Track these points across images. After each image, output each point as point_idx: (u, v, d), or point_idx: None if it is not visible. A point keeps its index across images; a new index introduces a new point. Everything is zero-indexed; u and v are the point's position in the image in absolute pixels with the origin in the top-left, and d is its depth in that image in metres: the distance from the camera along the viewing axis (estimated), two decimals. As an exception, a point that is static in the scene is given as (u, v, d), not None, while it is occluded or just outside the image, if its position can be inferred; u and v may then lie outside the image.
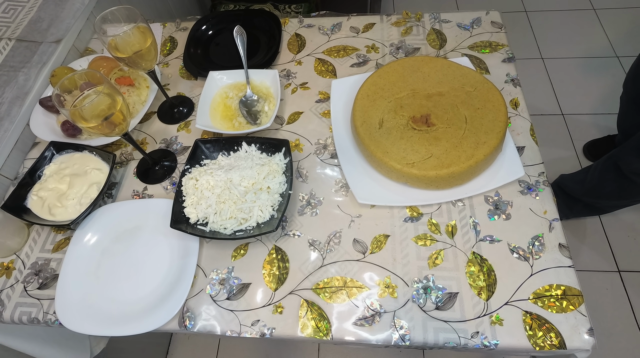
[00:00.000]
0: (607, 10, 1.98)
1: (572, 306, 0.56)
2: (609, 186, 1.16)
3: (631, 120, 1.29)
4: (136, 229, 0.69)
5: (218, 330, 0.59)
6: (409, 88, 0.73)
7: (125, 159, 0.78)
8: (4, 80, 0.85)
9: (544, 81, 1.79)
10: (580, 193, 1.27)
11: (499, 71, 0.79)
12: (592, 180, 1.20)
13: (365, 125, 0.69)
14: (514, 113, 0.74)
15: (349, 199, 0.68)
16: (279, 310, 0.60)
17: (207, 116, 0.78)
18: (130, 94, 0.81)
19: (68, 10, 0.94)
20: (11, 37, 0.91)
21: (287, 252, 0.64)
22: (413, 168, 0.64)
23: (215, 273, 0.64)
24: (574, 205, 1.32)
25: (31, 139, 0.84)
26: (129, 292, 0.63)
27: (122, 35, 0.65)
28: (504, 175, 0.66)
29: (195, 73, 0.88)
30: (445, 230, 0.64)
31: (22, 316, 0.64)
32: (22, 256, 0.70)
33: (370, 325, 0.57)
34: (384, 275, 0.61)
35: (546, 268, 0.59)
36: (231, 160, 0.71)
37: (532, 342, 0.54)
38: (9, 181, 0.79)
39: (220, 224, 0.64)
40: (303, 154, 0.74)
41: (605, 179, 1.16)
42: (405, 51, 0.85)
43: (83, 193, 0.71)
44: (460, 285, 0.59)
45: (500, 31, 0.85)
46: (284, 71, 0.86)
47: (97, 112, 0.59)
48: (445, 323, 0.56)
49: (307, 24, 0.93)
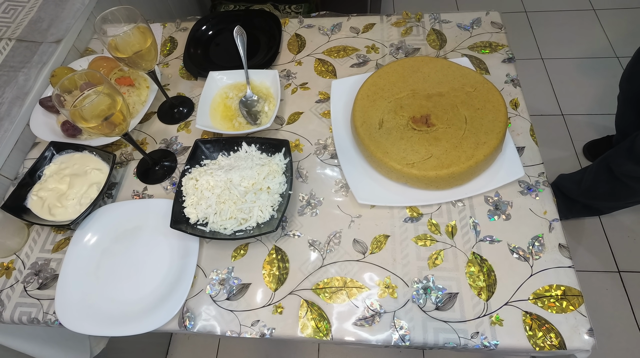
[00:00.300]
0: (607, 11, 1.98)
1: (572, 307, 0.56)
2: (602, 187, 1.16)
3: (628, 120, 1.29)
4: (136, 229, 0.69)
5: (218, 330, 0.59)
6: (409, 88, 0.73)
7: (125, 160, 0.78)
8: (4, 80, 0.85)
9: (544, 82, 1.79)
10: (576, 193, 1.27)
11: (499, 71, 0.79)
12: (587, 181, 1.20)
13: (365, 125, 0.69)
14: (514, 113, 0.74)
15: (349, 200, 0.68)
16: (278, 310, 0.60)
17: (207, 116, 0.78)
18: (130, 94, 0.81)
19: (68, 10, 0.94)
20: (11, 37, 0.91)
21: (287, 252, 0.64)
22: (413, 168, 0.64)
23: (215, 274, 0.64)
24: (572, 206, 1.32)
25: (31, 139, 0.84)
26: (129, 292, 0.63)
27: (122, 35, 0.65)
28: (503, 175, 0.66)
29: (195, 73, 0.88)
30: (445, 230, 0.64)
31: (22, 316, 0.64)
32: (22, 256, 0.70)
33: (370, 325, 0.57)
34: (384, 275, 0.61)
35: (546, 269, 0.59)
36: (231, 160, 0.71)
37: (532, 343, 0.54)
38: (9, 181, 0.79)
39: (220, 224, 0.64)
40: (303, 154, 0.74)
41: (598, 181, 1.16)
42: (405, 51, 0.85)
43: (83, 193, 0.71)
44: (460, 285, 0.59)
45: (500, 31, 0.85)
46: (284, 71, 0.86)
47: (97, 112, 0.59)
48: (445, 324, 0.56)
49: (307, 25, 0.93)
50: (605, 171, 1.11)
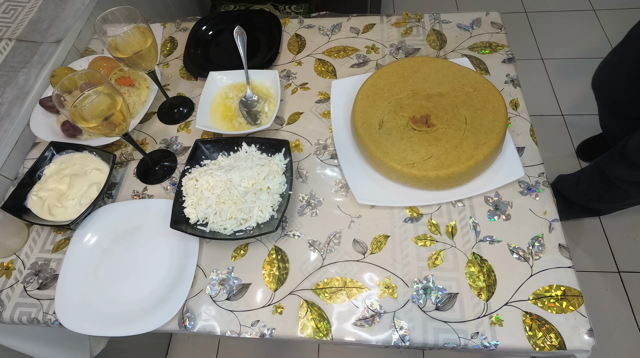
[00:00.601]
0: (607, 11, 1.98)
1: (572, 307, 0.56)
2: (597, 190, 1.16)
3: (613, 124, 1.28)
4: (136, 229, 0.69)
5: (218, 331, 0.59)
6: (409, 89, 0.73)
7: (125, 160, 0.78)
8: (4, 80, 0.85)
9: (544, 82, 1.79)
10: (574, 195, 1.27)
11: (499, 71, 0.79)
12: (583, 184, 1.20)
13: (365, 126, 0.69)
14: (514, 114, 0.74)
15: (349, 200, 0.68)
16: (278, 310, 0.60)
17: (207, 117, 0.78)
18: (130, 94, 0.81)
19: (68, 10, 0.94)
20: (11, 37, 0.91)
21: (287, 252, 0.64)
22: (413, 168, 0.64)
23: (215, 274, 0.64)
24: (571, 207, 1.32)
25: (31, 140, 0.84)
26: (128, 292, 0.63)
27: (123, 35, 0.65)
28: (503, 176, 0.66)
29: (195, 73, 0.88)
30: (445, 230, 0.64)
31: (22, 316, 0.64)
32: (22, 256, 0.70)
33: (370, 325, 0.57)
34: (383, 276, 0.61)
35: (546, 269, 0.59)
36: (231, 160, 0.71)
37: (532, 343, 0.54)
38: (9, 181, 0.79)
39: (220, 224, 0.64)
40: (303, 154, 0.74)
41: (593, 184, 1.16)
42: (405, 52, 0.85)
43: (83, 193, 0.71)
44: (460, 285, 0.59)
45: (500, 32, 0.85)
46: (284, 72, 0.86)
47: (97, 112, 0.59)
48: (445, 324, 0.56)
49: (307, 25, 0.93)
50: (599, 174, 1.11)
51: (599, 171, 1.11)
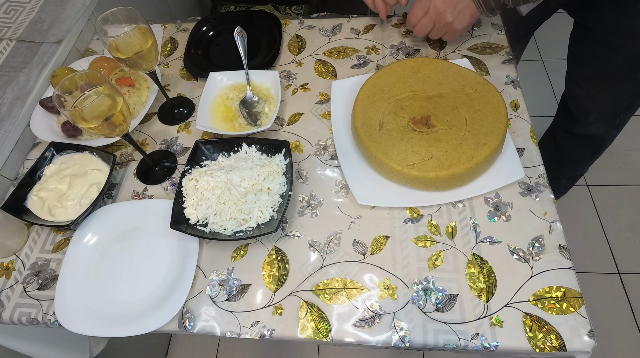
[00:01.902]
0: (607, 12, 1.98)
1: (572, 308, 0.56)
2: (558, 154, 1.22)
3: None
4: (136, 230, 0.69)
5: (218, 331, 0.59)
6: (409, 89, 0.73)
7: (126, 160, 0.79)
8: (4, 81, 0.85)
9: (544, 83, 1.79)
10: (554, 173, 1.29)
11: (499, 72, 0.79)
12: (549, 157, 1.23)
13: (365, 126, 0.69)
14: (514, 115, 0.74)
15: (349, 201, 0.68)
16: (278, 311, 0.60)
17: (207, 117, 0.78)
18: (130, 94, 0.81)
19: (69, 11, 0.94)
20: (12, 37, 0.91)
21: (287, 253, 0.64)
22: (413, 169, 0.64)
23: (215, 274, 0.64)
24: (557, 183, 1.34)
25: (31, 140, 0.84)
26: (128, 293, 0.63)
27: (123, 36, 0.65)
28: (504, 177, 0.66)
29: (195, 74, 0.88)
30: (445, 231, 0.64)
31: (22, 316, 0.64)
32: (21, 256, 0.70)
33: (370, 326, 0.57)
34: (383, 277, 0.61)
35: (546, 270, 0.59)
36: (231, 161, 0.71)
37: (532, 344, 0.54)
38: (9, 182, 0.79)
39: (220, 225, 0.64)
40: (303, 155, 0.74)
41: (551, 151, 1.23)
42: (405, 53, 0.85)
43: (83, 194, 0.71)
44: (460, 286, 0.59)
45: (500, 33, 0.86)
46: (285, 72, 0.86)
47: (97, 113, 0.59)
48: (445, 325, 0.56)
49: (307, 26, 0.93)
50: (552, 137, 1.22)
51: (552, 133, 1.22)
